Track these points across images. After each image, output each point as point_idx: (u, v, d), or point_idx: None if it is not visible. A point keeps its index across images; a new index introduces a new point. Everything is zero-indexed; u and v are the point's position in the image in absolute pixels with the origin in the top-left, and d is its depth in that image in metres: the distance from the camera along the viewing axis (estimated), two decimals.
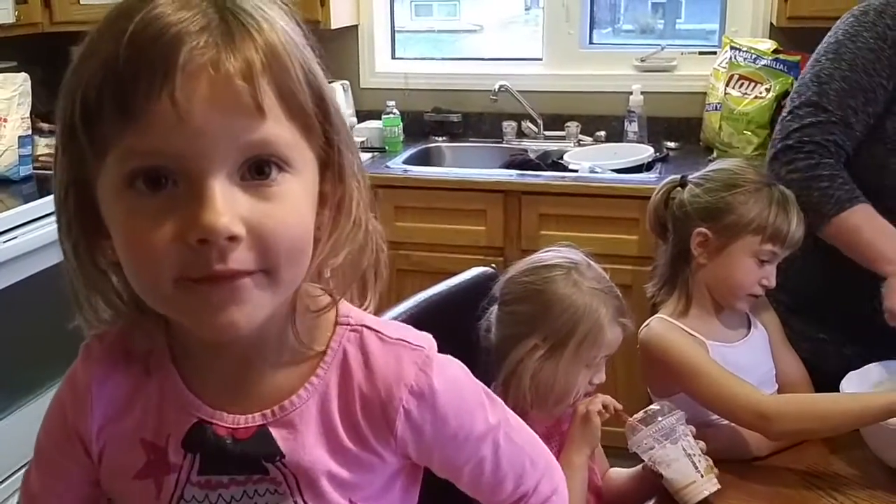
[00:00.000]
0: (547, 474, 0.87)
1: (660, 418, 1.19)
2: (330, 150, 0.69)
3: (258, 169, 0.63)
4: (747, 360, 1.34)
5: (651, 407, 1.21)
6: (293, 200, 0.65)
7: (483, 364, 1.25)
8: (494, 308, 1.25)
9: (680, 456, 1.17)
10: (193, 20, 0.60)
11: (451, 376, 0.77)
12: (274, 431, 0.72)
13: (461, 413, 0.77)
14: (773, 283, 1.35)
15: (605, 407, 1.20)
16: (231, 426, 0.73)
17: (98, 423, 0.76)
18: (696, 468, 1.17)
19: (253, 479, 0.73)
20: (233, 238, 0.61)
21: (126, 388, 0.76)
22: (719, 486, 1.18)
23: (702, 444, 1.20)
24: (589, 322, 1.17)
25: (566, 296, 1.18)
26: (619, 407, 1.21)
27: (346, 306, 0.76)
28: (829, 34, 1.52)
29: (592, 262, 1.24)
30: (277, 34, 0.63)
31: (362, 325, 0.76)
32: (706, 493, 1.17)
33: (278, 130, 0.63)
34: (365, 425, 0.73)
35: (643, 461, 1.22)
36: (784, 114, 1.50)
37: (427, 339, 0.77)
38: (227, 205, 0.61)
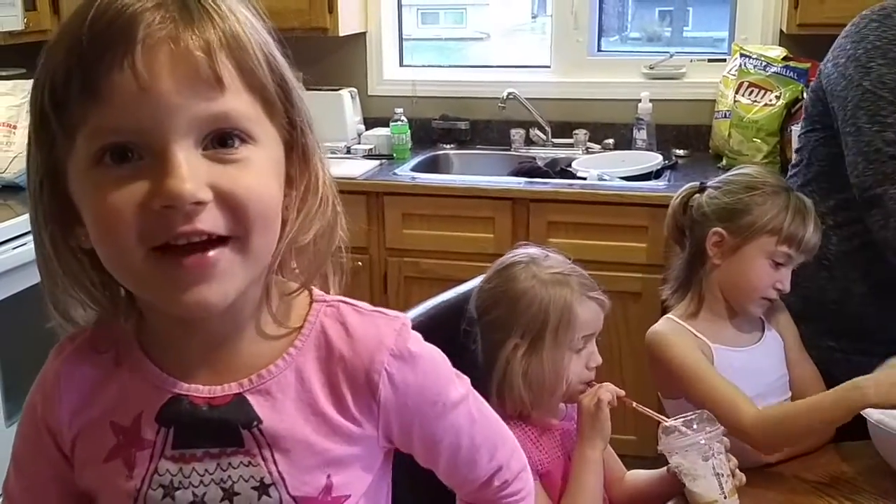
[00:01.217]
0: (516, 451, 0.89)
1: (696, 426, 1.18)
2: (293, 132, 0.72)
3: (221, 141, 0.66)
4: (756, 365, 1.33)
5: (690, 414, 1.20)
6: (258, 167, 0.67)
7: (479, 380, 1.25)
8: (476, 327, 1.26)
9: (708, 474, 1.16)
10: (148, 1, 0.63)
11: (426, 345, 0.80)
12: (251, 398, 0.73)
13: (439, 379, 0.79)
14: (787, 287, 1.35)
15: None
16: (207, 396, 0.73)
17: (67, 414, 0.77)
18: (722, 489, 1.16)
19: (227, 451, 0.73)
20: (199, 203, 0.63)
21: (95, 378, 0.77)
22: None
23: (734, 461, 1.19)
24: (557, 307, 1.18)
25: (529, 288, 1.20)
26: (622, 393, 1.21)
27: (318, 291, 0.78)
28: (847, 38, 1.47)
29: (551, 252, 1.26)
30: (237, 17, 0.67)
31: (338, 301, 0.78)
32: None
33: (238, 104, 0.66)
34: (348, 392, 0.75)
35: (667, 464, 1.22)
36: (859, 119, 1.39)
37: (402, 314, 0.80)
38: (192, 171, 0.63)
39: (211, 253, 0.65)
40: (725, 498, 1.16)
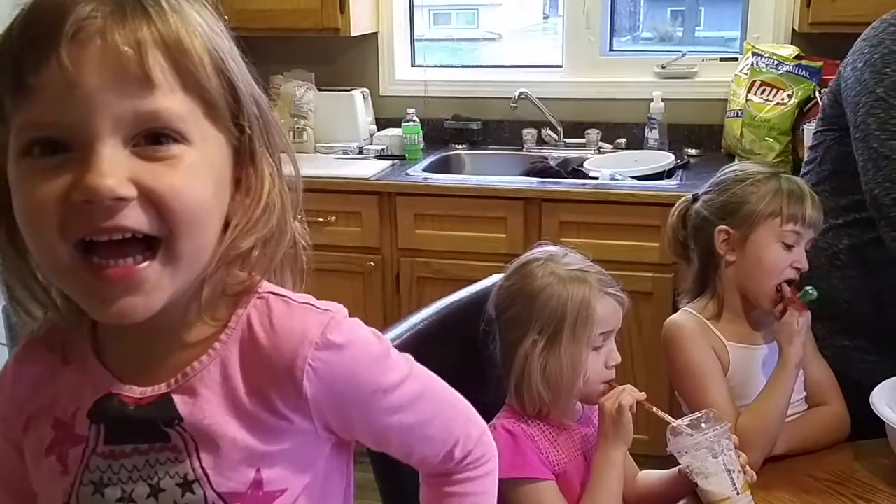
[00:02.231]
0: (472, 417, 0.87)
1: (704, 425, 1.18)
2: (241, 137, 0.71)
3: (153, 140, 0.65)
4: (772, 363, 1.33)
5: (697, 414, 1.21)
6: (189, 168, 0.66)
7: (495, 379, 1.26)
8: (494, 326, 1.26)
9: (719, 471, 1.16)
10: None
11: (358, 332, 0.77)
12: (176, 397, 0.73)
13: (371, 365, 0.77)
14: (805, 265, 1.35)
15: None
16: (138, 396, 0.73)
17: (16, 409, 0.78)
18: (734, 485, 1.17)
19: (155, 447, 0.73)
20: (121, 199, 0.63)
21: (42, 374, 0.77)
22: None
23: (743, 457, 1.19)
24: (575, 303, 1.18)
25: (547, 285, 1.20)
26: (642, 397, 1.21)
27: (267, 285, 0.76)
28: (866, 42, 1.47)
29: (570, 250, 1.26)
30: (182, 18, 0.66)
31: (269, 293, 0.76)
32: None
33: (171, 104, 0.65)
34: (271, 388, 0.73)
35: (678, 464, 1.22)
36: (870, 126, 1.40)
37: (335, 306, 0.77)
38: (114, 167, 0.62)
39: (139, 266, 0.65)
40: (738, 494, 1.16)
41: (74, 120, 0.63)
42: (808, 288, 1.32)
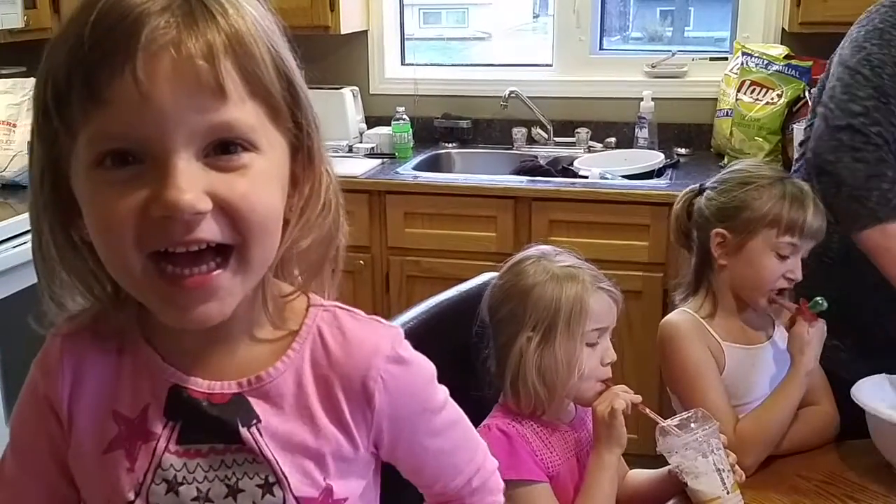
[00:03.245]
0: (488, 452, 0.90)
1: (693, 425, 1.18)
2: (300, 134, 0.71)
3: (223, 148, 0.65)
4: (767, 363, 1.33)
5: (685, 413, 1.20)
6: (259, 176, 0.66)
7: (488, 380, 1.26)
8: (488, 329, 1.26)
9: (709, 470, 1.16)
10: (156, 2, 0.62)
11: (416, 352, 0.80)
12: (249, 398, 0.74)
13: (427, 385, 0.81)
14: (798, 275, 1.34)
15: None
16: (206, 391, 0.73)
17: (67, 392, 0.76)
18: (724, 484, 1.16)
19: (231, 448, 0.73)
20: (199, 213, 0.63)
21: (96, 363, 0.76)
22: (744, 503, 1.18)
23: (732, 457, 1.19)
24: (569, 298, 1.18)
25: (540, 282, 1.20)
26: (637, 399, 1.20)
27: (314, 296, 0.78)
28: (858, 24, 1.48)
29: (562, 249, 1.27)
30: (243, 18, 0.65)
31: (334, 306, 0.78)
32: None
33: (241, 113, 0.65)
34: (343, 398, 0.75)
35: (668, 464, 1.22)
36: (834, 91, 1.42)
37: (395, 324, 0.81)
38: (191, 181, 0.62)
39: (214, 274, 0.65)
40: (728, 493, 1.16)
41: (149, 133, 0.62)
42: (818, 298, 1.32)
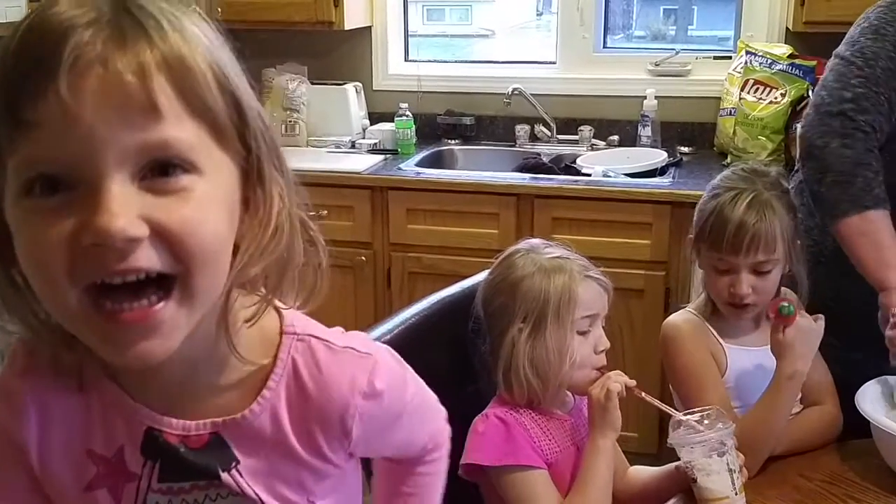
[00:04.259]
0: (442, 410, 0.92)
1: (707, 422, 1.18)
2: (249, 157, 0.66)
3: (161, 170, 0.60)
4: (770, 363, 1.32)
5: (704, 410, 1.20)
6: (201, 200, 0.61)
7: (486, 374, 1.26)
8: (483, 323, 1.27)
9: (722, 470, 1.16)
10: (83, 15, 0.58)
11: (393, 372, 0.80)
12: (227, 437, 0.73)
13: (401, 398, 0.81)
14: (740, 291, 1.32)
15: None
16: (181, 433, 0.72)
17: (36, 434, 0.73)
18: (734, 485, 1.16)
19: (214, 483, 0.73)
20: (133, 240, 0.58)
21: (62, 400, 0.73)
22: None
23: (741, 458, 1.19)
24: (557, 287, 1.20)
25: (529, 274, 1.22)
26: (632, 383, 1.21)
27: (290, 315, 0.75)
28: (855, 24, 1.49)
29: (552, 243, 1.28)
30: (182, 34, 0.61)
31: (309, 335, 0.75)
32: None
33: (179, 132, 0.60)
34: (320, 434, 0.75)
35: (670, 461, 1.22)
36: (826, 80, 1.44)
37: (373, 346, 0.79)
38: (124, 205, 0.58)
39: (155, 308, 0.61)
40: (736, 495, 1.16)
41: (78, 156, 0.58)
42: (783, 304, 1.30)
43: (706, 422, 1.18)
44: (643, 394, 1.21)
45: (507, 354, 1.21)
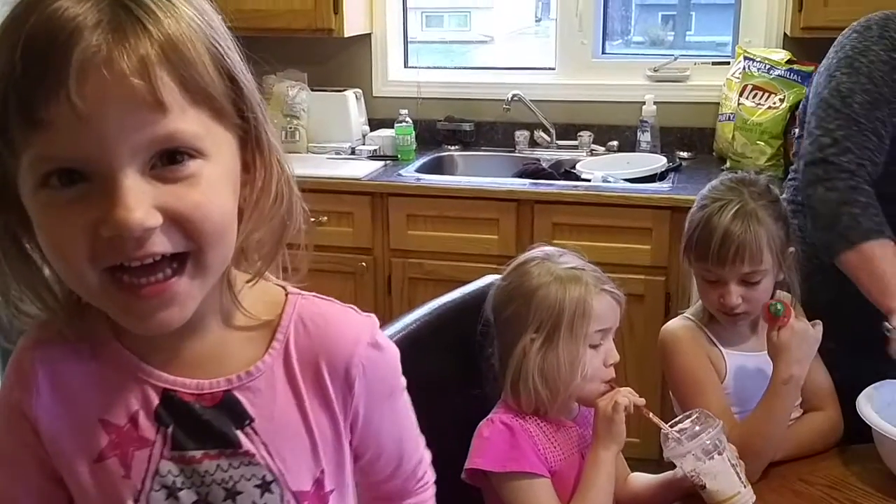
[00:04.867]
0: (424, 442, 0.91)
1: (697, 428, 1.18)
2: (247, 126, 0.70)
3: (170, 158, 0.64)
4: (767, 368, 1.33)
5: (689, 416, 1.21)
6: (209, 183, 0.66)
7: (491, 379, 1.26)
8: (492, 328, 1.26)
9: (726, 467, 1.17)
10: (87, 16, 0.60)
11: (389, 341, 0.82)
12: (240, 396, 0.74)
13: (396, 367, 0.83)
14: (729, 302, 1.32)
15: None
16: (195, 391, 0.73)
17: (46, 406, 0.75)
18: (740, 479, 1.17)
19: (226, 452, 0.73)
20: (148, 229, 0.62)
21: (75, 370, 0.75)
22: (755, 497, 1.18)
23: (735, 449, 1.20)
24: (572, 299, 1.19)
25: (544, 283, 1.21)
26: (641, 402, 1.20)
27: (291, 287, 0.79)
28: (832, 52, 1.53)
29: (566, 251, 1.27)
30: (177, 20, 0.63)
31: (313, 295, 0.80)
32: (751, 503, 1.17)
33: (183, 123, 0.64)
34: (329, 381, 0.76)
35: (672, 467, 1.22)
36: (810, 126, 1.49)
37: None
38: (139, 198, 0.62)
39: (171, 281, 0.65)
40: (745, 487, 1.17)
41: (91, 153, 0.61)
42: (772, 303, 1.30)
43: (697, 428, 1.18)
44: (650, 414, 1.21)
45: (517, 363, 1.20)
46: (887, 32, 1.46)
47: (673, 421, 1.21)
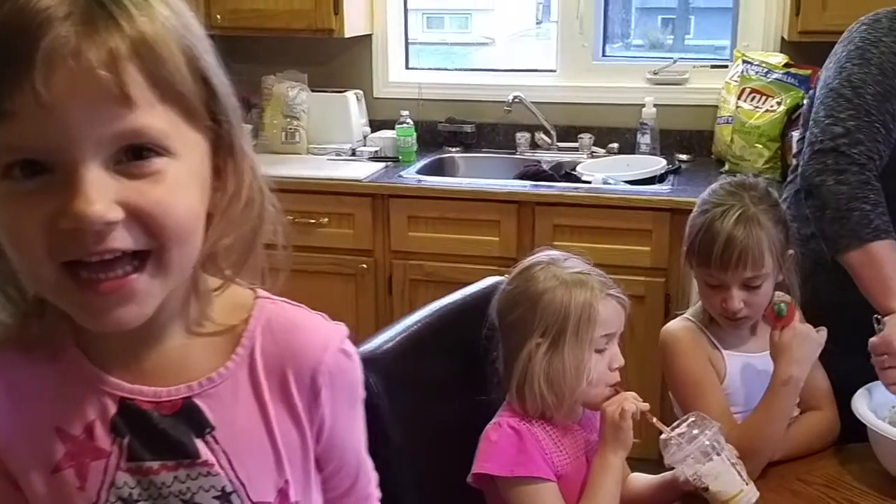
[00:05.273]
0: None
1: (695, 431, 1.19)
2: (220, 130, 0.69)
3: (136, 154, 0.63)
4: (768, 368, 1.34)
5: (686, 420, 1.21)
6: (175, 181, 0.64)
7: (496, 382, 1.27)
8: (497, 332, 1.27)
9: (726, 467, 1.18)
10: (58, 8, 0.59)
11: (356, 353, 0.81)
12: (200, 403, 0.72)
13: (359, 381, 0.81)
14: (732, 306, 1.33)
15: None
16: (153, 399, 0.71)
17: (3, 412, 0.73)
18: (742, 477, 1.18)
19: (184, 463, 0.71)
20: (109, 223, 0.61)
21: (31, 377, 0.73)
22: (759, 493, 1.19)
23: (734, 449, 1.21)
24: (578, 304, 1.19)
25: (550, 288, 1.20)
26: (645, 407, 1.21)
27: (261, 290, 0.77)
28: (841, 43, 1.52)
29: (571, 255, 1.27)
30: (151, 19, 0.62)
31: (280, 300, 0.78)
32: (754, 500, 1.18)
33: (151, 118, 0.62)
34: (295, 389, 0.74)
35: (670, 469, 1.23)
36: (818, 115, 1.46)
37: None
38: (100, 191, 0.61)
39: (130, 278, 0.63)
40: (747, 484, 1.18)
41: (54, 145, 0.60)
42: (776, 302, 1.32)
43: (695, 431, 1.19)
44: (655, 420, 1.22)
45: (522, 367, 1.20)
46: None
47: (673, 426, 1.22)
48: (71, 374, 0.72)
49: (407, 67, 3.26)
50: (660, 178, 2.65)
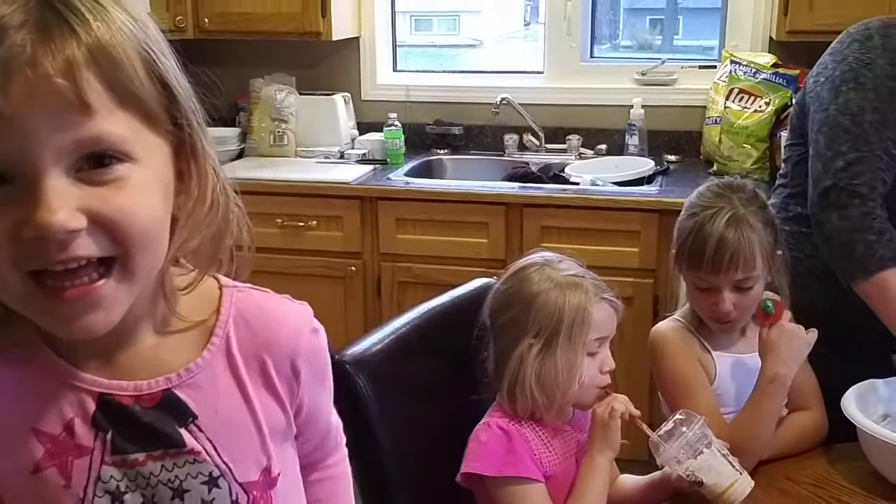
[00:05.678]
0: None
1: (684, 428, 1.19)
2: (181, 133, 0.69)
3: (97, 161, 0.63)
4: (757, 368, 1.34)
5: (672, 419, 1.21)
6: (137, 187, 0.64)
7: (486, 382, 1.27)
8: (489, 332, 1.27)
9: (717, 460, 1.18)
10: (13, 16, 0.59)
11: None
12: (181, 393, 0.73)
13: (327, 349, 0.84)
14: (723, 309, 1.33)
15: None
16: (133, 393, 0.72)
17: None
18: (734, 466, 1.18)
19: (170, 452, 0.72)
20: (72, 231, 0.61)
21: (4, 378, 0.72)
22: (753, 482, 1.19)
23: (724, 442, 1.21)
24: (572, 307, 1.19)
25: (545, 290, 1.21)
26: (636, 413, 1.21)
27: (223, 278, 0.78)
28: (831, 56, 1.51)
29: (565, 257, 1.27)
30: (108, 24, 0.62)
31: (247, 287, 0.79)
32: (750, 489, 1.18)
33: (110, 126, 0.62)
34: (275, 373, 0.77)
35: (659, 469, 1.23)
36: (819, 146, 1.46)
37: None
38: (62, 200, 0.60)
39: (96, 285, 0.64)
40: (741, 474, 1.18)
41: (14, 155, 0.60)
42: (764, 300, 1.32)
43: (683, 428, 1.19)
44: (643, 426, 1.22)
45: (513, 368, 1.20)
46: (891, 44, 1.44)
47: (660, 427, 1.22)
48: (45, 375, 0.72)
49: (395, 70, 3.26)
50: (648, 180, 2.66)
